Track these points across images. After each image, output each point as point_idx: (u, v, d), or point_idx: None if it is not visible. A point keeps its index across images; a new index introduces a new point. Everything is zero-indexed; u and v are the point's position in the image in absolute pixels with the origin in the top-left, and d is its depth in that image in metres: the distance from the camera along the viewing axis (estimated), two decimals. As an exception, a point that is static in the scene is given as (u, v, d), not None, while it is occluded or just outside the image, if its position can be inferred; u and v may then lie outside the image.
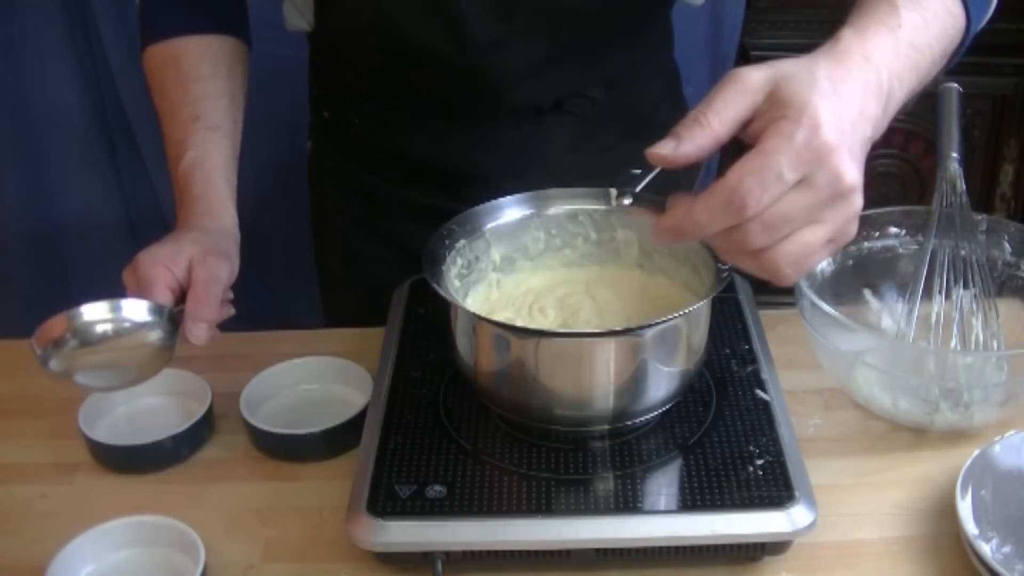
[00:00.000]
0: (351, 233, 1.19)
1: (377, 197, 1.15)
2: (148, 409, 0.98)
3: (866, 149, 0.67)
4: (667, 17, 1.14)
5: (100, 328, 0.84)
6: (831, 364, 0.96)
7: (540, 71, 1.02)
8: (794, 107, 0.62)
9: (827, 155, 0.61)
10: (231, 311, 0.89)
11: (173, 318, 0.85)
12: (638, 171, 0.87)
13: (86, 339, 0.84)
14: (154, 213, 1.76)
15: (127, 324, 0.84)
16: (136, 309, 0.85)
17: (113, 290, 0.87)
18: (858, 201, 0.64)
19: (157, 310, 0.85)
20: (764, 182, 0.61)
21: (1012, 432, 0.85)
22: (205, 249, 0.88)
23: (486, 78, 1.01)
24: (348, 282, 1.23)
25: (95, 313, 0.84)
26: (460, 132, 1.07)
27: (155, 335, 0.85)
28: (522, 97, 1.04)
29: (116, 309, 0.85)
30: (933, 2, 0.74)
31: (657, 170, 0.95)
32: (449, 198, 1.05)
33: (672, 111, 1.15)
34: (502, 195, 0.93)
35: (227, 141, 0.97)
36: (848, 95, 0.64)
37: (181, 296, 0.86)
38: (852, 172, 0.62)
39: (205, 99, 0.97)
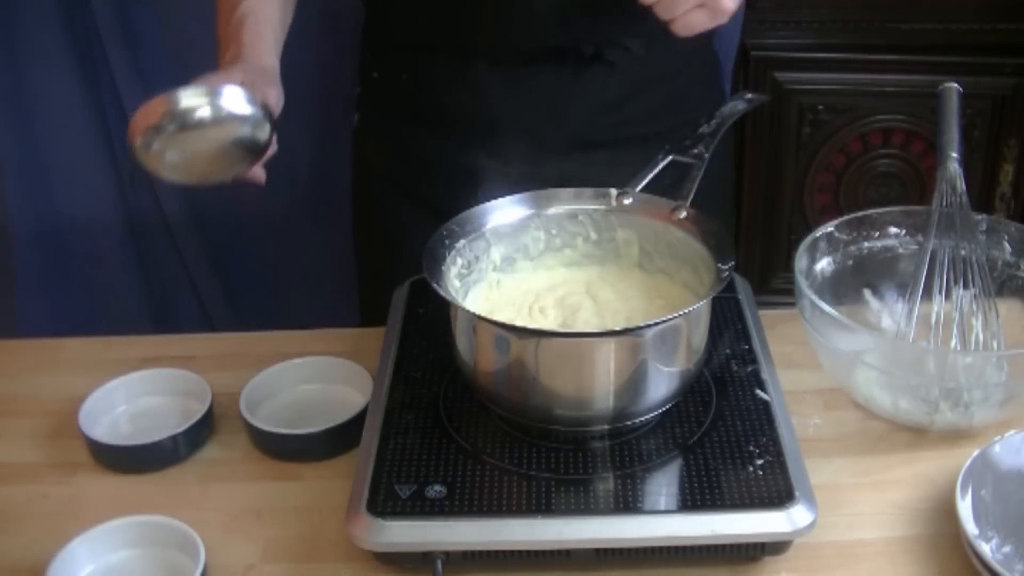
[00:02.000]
0: (395, 204, 1.20)
1: (423, 159, 1.16)
2: (148, 409, 0.98)
3: None
4: None
5: (199, 114, 0.81)
6: (831, 364, 0.96)
7: (583, 5, 1.03)
8: None
9: None
10: (263, 177, 0.91)
11: (270, 113, 0.83)
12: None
13: (184, 123, 0.80)
14: (154, 213, 1.75)
15: (225, 112, 0.82)
16: (235, 98, 0.82)
17: (112, 290, 0.86)
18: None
19: (254, 100, 0.83)
20: None
21: (1012, 432, 0.85)
22: (254, 76, 0.90)
23: (531, 6, 1.02)
24: (390, 255, 1.24)
25: (193, 98, 0.81)
26: (505, 80, 1.08)
27: (252, 127, 0.83)
28: (564, 34, 1.05)
29: (215, 95, 0.81)
30: None
31: (657, 169, 0.95)
32: (492, 156, 1.08)
33: (708, 96, 1.17)
34: (535, 159, 0.98)
35: (279, 12, 1.02)
36: None
37: None
38: None
39: None
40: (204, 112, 0.81)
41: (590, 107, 1.10)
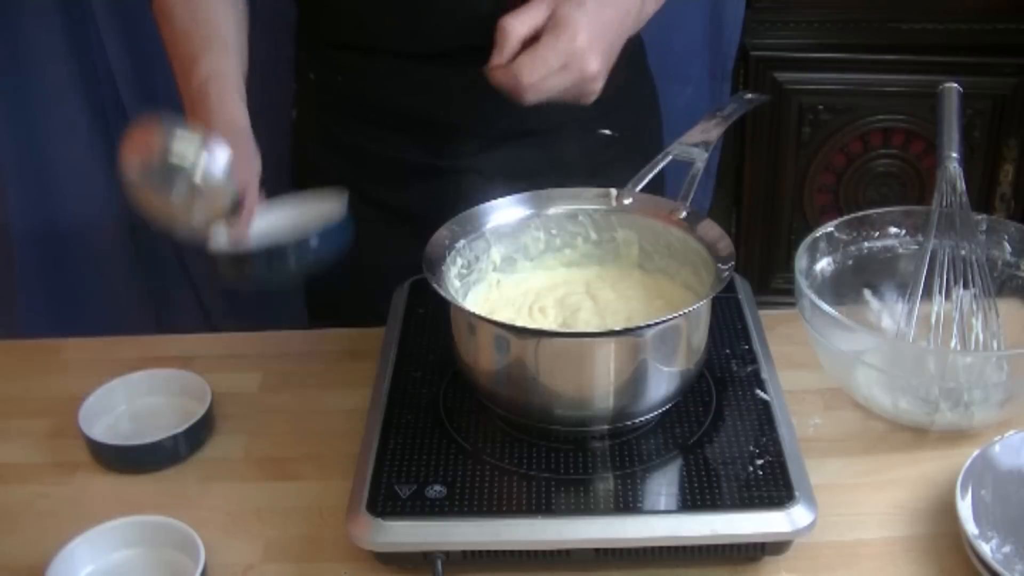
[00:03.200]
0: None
1: (362, 157, 1.16)
2: (148, 409, 0.98)
3: (621, 42, 0.95)
4: None
5: (189, 163, 0.80)
6: (831, 364, 0.96)
7: (498, 6, 1.03)
8: (564, 22, 0.89)
9: (580, 55, 0.89)
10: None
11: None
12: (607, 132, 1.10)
13: (170, 170, 0.80)
14: (154, 213, 1.75)
15: (216, 175, 0.81)
16: (222, 158, 0.82)
17: (112, 290, 0.86)
18: (598, 83, 0.92)
19: (232, 174, 0.83)
20: (535, 66, 0.88)
21: (1012, 432, 0.85)
22: (231, 138, 0.89)
23: (451, 9, 1.02)
24: None
25: (187, 144, 0.80)
26: (435, 77, 1.08)
27: (225, 196, 0.84)
28: (485, 34, 1.04)
29: (208, 149, 0.81)
30: None
31: (658, 169, 0.95)
32: (430, 154, 1.11)
33: (635, 88, 1.19)
34: (480, 155, 1.01)
35: (238, 60, 1.02)
36: (607, 12, 0.92)
37: None
38: (595, 65, 0.90)
39: (214, 23, 1.02)
40: (192, 165, 0.81)
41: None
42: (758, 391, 0.90)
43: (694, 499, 0.79)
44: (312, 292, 1.30)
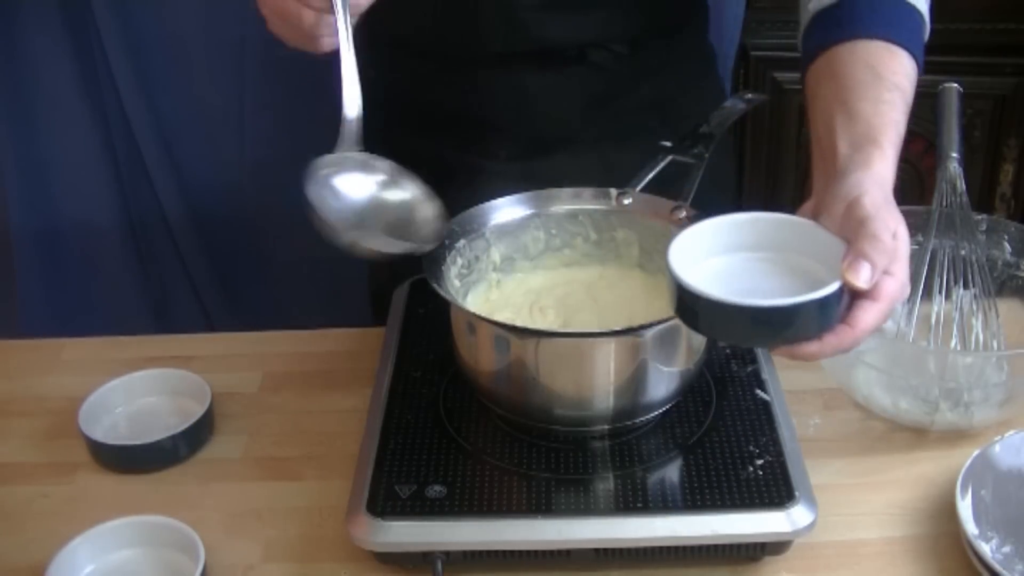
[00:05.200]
0: None
1: (414, 156, 1.16)
2: (148, 409, 0.98)
3: None
4: None
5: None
6: (831, 364, 0.96)
7: (566, 9, 1.03)
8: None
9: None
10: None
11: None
12: (667, 143, 0.96)
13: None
14: (154, 213, 1.75)
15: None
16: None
17: (112, 290, 0.86)
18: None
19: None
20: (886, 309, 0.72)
21: (1012, 432, 0.85)
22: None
23: (511, 6, 1.02)
24: None
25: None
26: (486, 78, 1.08)
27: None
28: (547, 34, 1.04)
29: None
30: (905, 77, 0.86)
31: (659, 168, 0.95)
32: (480, 155, 1.09)
33: (703, 97, 1.15)
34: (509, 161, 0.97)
35: None
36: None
37: None
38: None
39: None
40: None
41: (574, 106, 1.09)
42: (758, 391, 0.90)
43: (694, 499, 0.79)
44: (374, 286, 1.31)
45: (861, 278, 0.69)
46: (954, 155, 0.96)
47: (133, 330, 1.17)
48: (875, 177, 0.79)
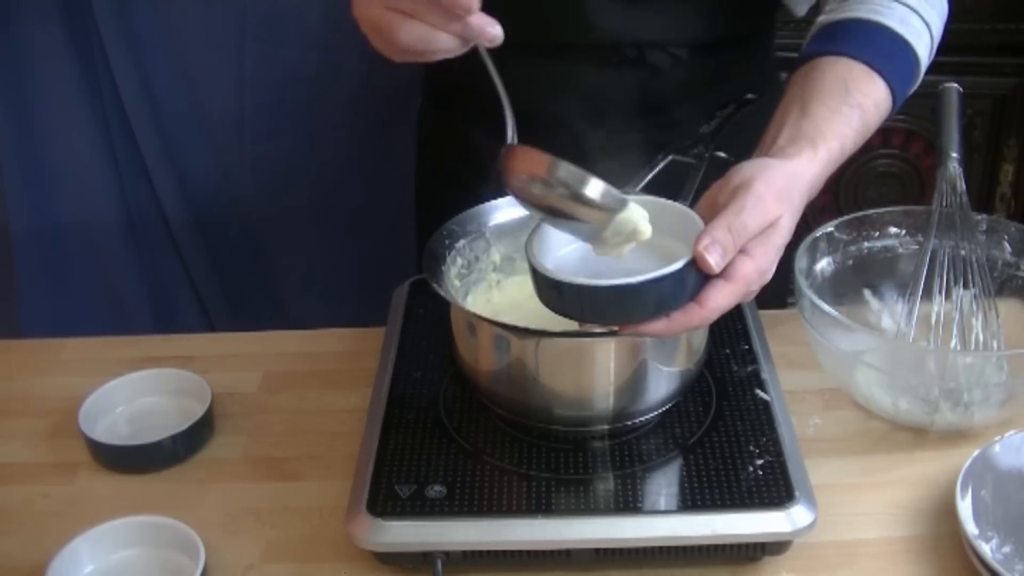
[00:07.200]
0: (451, 189, 1.19)
1: (465, 148, 1.15)
2: (148, 409, 0.98)
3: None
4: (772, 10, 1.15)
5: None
6: (831, 364, 0.96)
7: (633, 5, 1.02)
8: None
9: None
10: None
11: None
12: (722, 155, 0.96)
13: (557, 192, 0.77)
14: (154, 213, 1.75)
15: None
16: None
17: (112, 290, 0.86)
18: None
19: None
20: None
21: (1012, 432, 0.85)
22: None
23: (574, 3, 1.01)
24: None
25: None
26: (544, 74, 1.06)
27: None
28: (610, 27, 1.03)
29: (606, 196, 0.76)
30: (873, 102, 0.90)
31: (660, 167, 0.95)
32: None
33: (761, 111, 1.13)
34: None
35: None
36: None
37: None
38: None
39: None
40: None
41: (631, 108, 1.08)
42: (758, 391, 0.90)
43: (694, 499, 0.79)
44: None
45: (705, 249, 0.70)
46: (954, 155, 0.96)
47: (133, 330, 1.17)
48: (790, 169, 0.79)
